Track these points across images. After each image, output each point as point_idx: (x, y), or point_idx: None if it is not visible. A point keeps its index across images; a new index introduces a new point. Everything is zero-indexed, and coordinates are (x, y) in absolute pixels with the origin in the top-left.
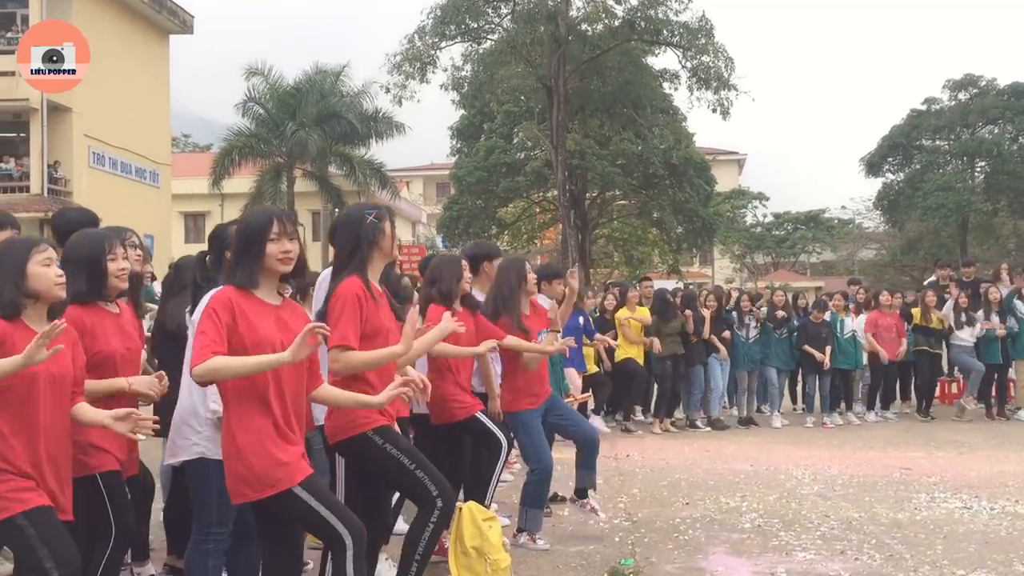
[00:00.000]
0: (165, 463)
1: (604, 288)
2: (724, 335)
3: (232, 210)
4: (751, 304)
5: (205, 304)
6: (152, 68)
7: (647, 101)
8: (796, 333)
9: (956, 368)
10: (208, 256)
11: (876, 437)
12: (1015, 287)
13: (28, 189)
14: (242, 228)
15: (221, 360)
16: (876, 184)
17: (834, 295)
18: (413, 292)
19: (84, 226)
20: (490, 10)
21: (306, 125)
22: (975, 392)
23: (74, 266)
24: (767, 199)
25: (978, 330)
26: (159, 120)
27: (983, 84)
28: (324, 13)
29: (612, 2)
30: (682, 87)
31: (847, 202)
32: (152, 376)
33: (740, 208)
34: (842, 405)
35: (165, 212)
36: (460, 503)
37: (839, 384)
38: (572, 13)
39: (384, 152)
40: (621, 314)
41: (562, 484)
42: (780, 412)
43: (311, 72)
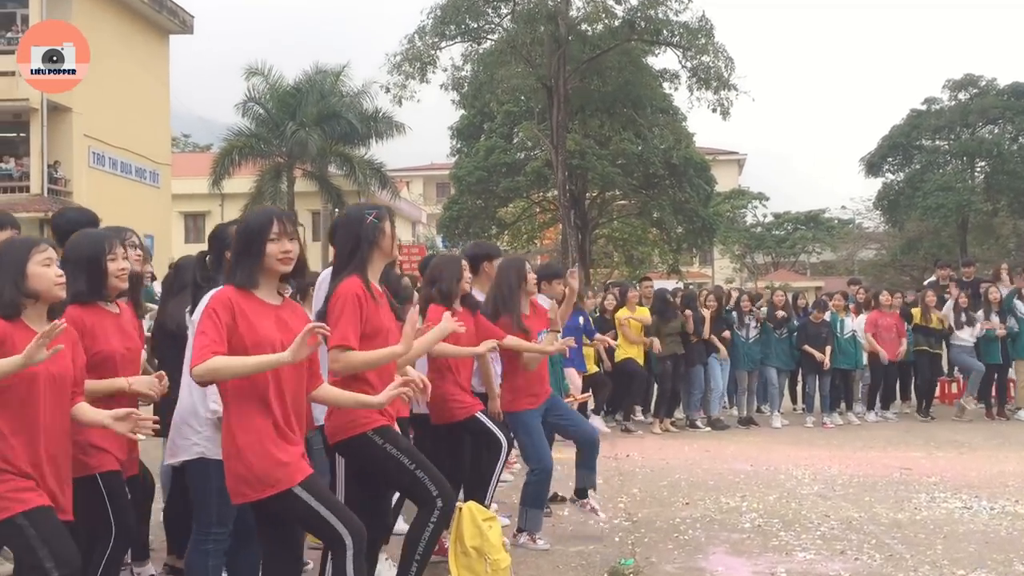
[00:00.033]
0: (165, 463)
1: (604, 288)
2: (724, 335)
3: (232, 210)
4: (751, 304)
5: (205, 304)
6: (152, 68)
7: (647, 101)
8: (796, 333)
9: (956, 368)
10: (208, 256)
11: (876, 437)
12: (1015, 287)
13: (28, 189)
14: (242, 228)
15: (221, 360)
16: (876, 184)
17: (834, 295)
18: (413, 292)
19: (84, 226)
20: (490, 10)
21: (306, 125)
22: (975, 392)
23: (74, 266)
24: (767, 199)
25: (978, 330)
26: (159, 120)
27: (983, 84)
28: (324, 13)
29: (612, 2)
30: (682, 87)
31: (847, 202)
32: (152, 376)
33: (740, 208)
34: (842, 405)
35: (165, 212)
36: (460, 503)
37: (839, 384)
38: (572, 13)
39: (384, 152)
40: (621, 314)
41: (562, 484)
42: (780, 412)
43: (311, 72)
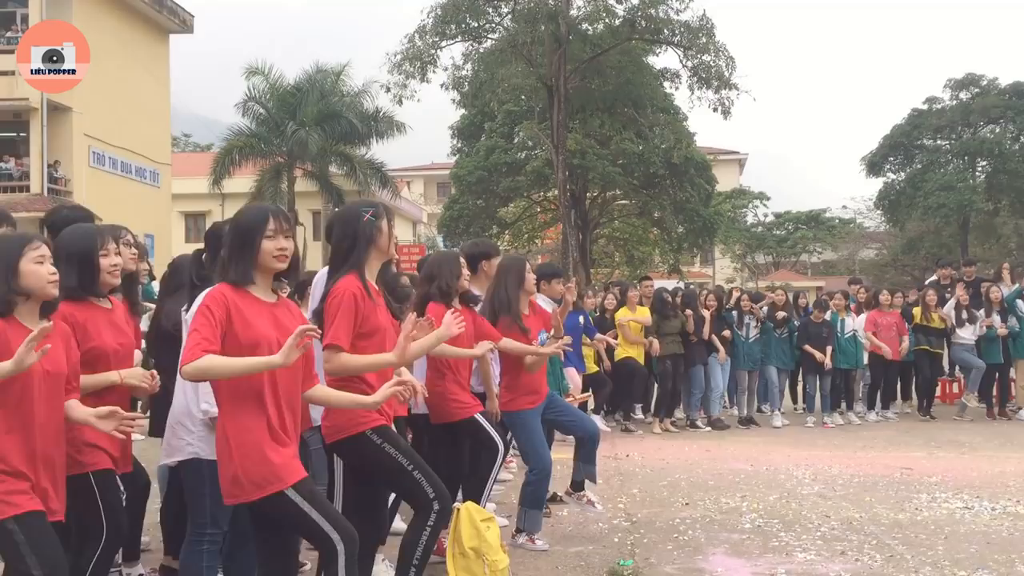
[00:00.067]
0: (161, 463)
1: (604, 288)
2: (724, 335)
3: (232, 210)
4: (751, 304)
5: (200, 301)
6: (152, 68)
7: (648, 100)
8: (797, 333)
9: (957, 367)
10: (205, 255)
11: (877, 437)
12: (1017, 286)
13: (28, 189)
14: (237, 225)
15: (212, 360)
16: (877, 184)
17: (835, 295)
18: (412, 291)
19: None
20: (491, 9)
21: (306, 125)
22: (976, 389)
23: (66, 261)
24: (768, 199)
25: (979, 328)
26: (159, 120)
27: (984, 83)
28: (324, 13)
29: (613, 1)
30: (683, 86)
31: (848, 202)
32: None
33: (741, 208)
34: (843, 405)
35: (165, 212)
36: (458, 504)
37: (840, 384)
38: (573, 12)
39: (384, 152)
40: (621, 315)
41: (561, 484)
42: (781, 412)
43: (311, 71)
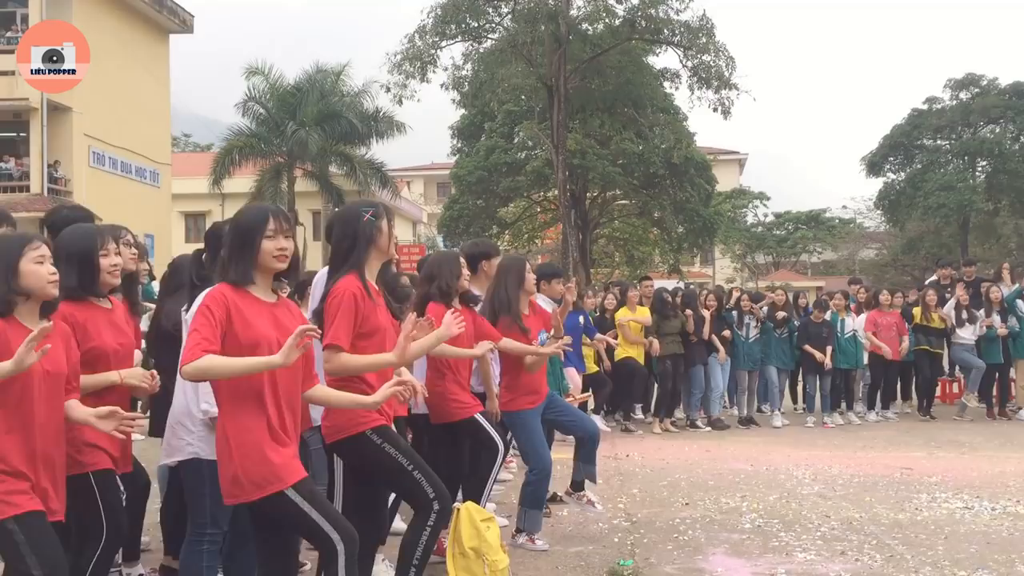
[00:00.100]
0: (161, 463)
1: (604, 288)
2: (724, 335)
3: (233, 210)
4: (751, 304)
5: (200, 301)
6: (152, 68)
7: (648, 100)
8: (797, 333)
9: (957, 367)
10: (205, 255)
11: (877, 437)
12: (1017, 286)
13: (28, 189)
14: (237, 224)
15: (211, 360)
16: (877, 184)
17: (835, 295)
18: (412, 291)
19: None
20: (491, 9)
21: (306, 125)
22: (976, 390)
23: (66, 262)
24: (768, 199)
25: (979, 328)
26: (159, 120)
27: (984, 83)
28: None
29: (613, 1)
30: (683, 86)
31: (848, 202)
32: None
33: (741, 208)
34: (843, 405)
35: (165, 212)
36: (458, 504)
37: (840, 384)
38: (573, 12)
39: (384, 152)
40: (621, 315)
41: (561, 484)
42: (780, 412)
43: (311, 71)
